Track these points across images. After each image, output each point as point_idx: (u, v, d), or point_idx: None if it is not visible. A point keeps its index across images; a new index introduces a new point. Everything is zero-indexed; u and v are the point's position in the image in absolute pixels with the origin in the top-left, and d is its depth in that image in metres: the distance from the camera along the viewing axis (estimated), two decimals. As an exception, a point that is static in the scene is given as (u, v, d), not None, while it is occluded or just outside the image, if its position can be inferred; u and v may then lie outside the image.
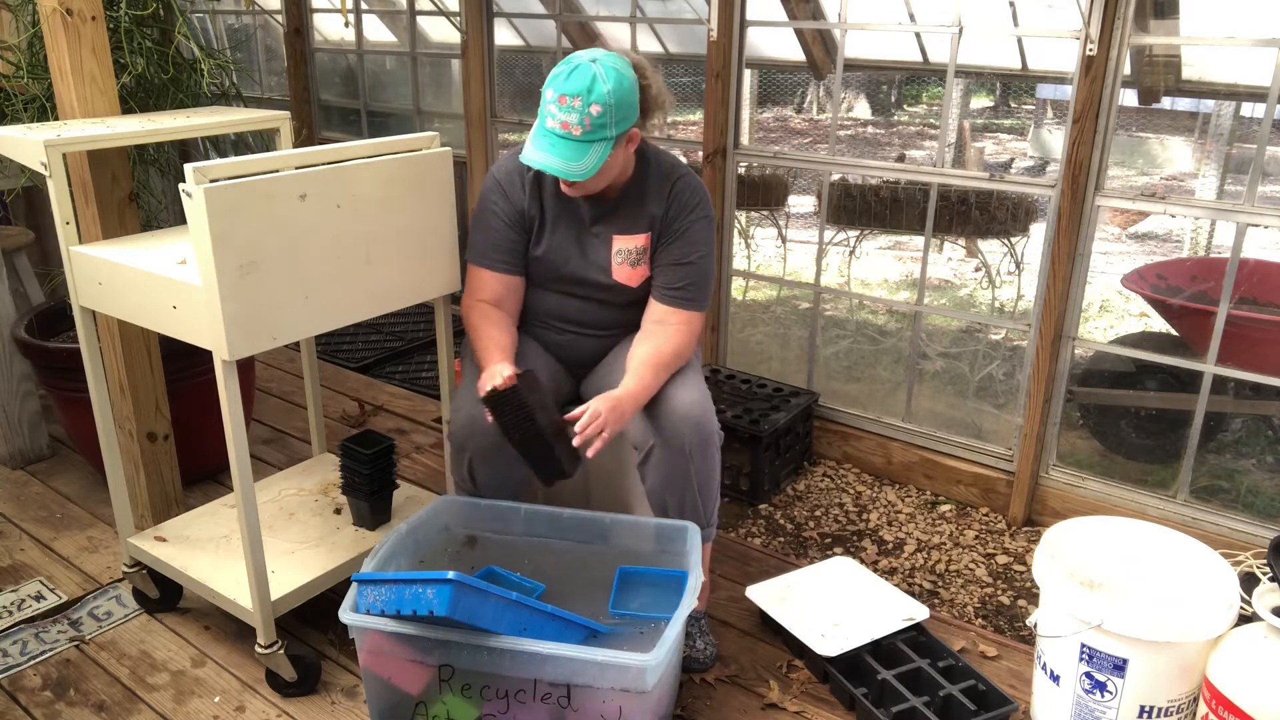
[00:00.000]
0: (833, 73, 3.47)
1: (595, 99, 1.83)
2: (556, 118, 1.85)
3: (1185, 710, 1.81)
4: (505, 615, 1.66)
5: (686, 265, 2.07)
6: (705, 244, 2.09)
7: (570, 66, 1.85)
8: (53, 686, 2.09)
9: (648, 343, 2.04)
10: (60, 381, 2.70)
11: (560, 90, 1.84)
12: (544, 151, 1.87)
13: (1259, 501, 2.97)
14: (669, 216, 2.06)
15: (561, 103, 1.84)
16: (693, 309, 2.08)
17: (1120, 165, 8.27)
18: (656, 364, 2.00)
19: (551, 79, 1.87)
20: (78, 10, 2.14)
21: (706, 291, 2.11)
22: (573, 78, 1.84)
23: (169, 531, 2.29)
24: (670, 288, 2.08)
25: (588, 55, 1.87)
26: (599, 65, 1.85)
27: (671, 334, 2.05)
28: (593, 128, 1.85)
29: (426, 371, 3.86)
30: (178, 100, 2.69)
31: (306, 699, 2.05)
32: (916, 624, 2.17)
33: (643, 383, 1.96)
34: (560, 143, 1.86)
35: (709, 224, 2.09)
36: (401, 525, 2.00)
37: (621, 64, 1.89)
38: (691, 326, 2.08)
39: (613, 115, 1.86)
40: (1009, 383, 3.86)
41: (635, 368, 1.98)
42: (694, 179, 2.09)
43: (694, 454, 1.98)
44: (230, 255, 1.72)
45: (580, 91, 1.83)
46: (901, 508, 2.91)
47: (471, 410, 2.00)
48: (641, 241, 2.08)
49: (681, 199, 2.06)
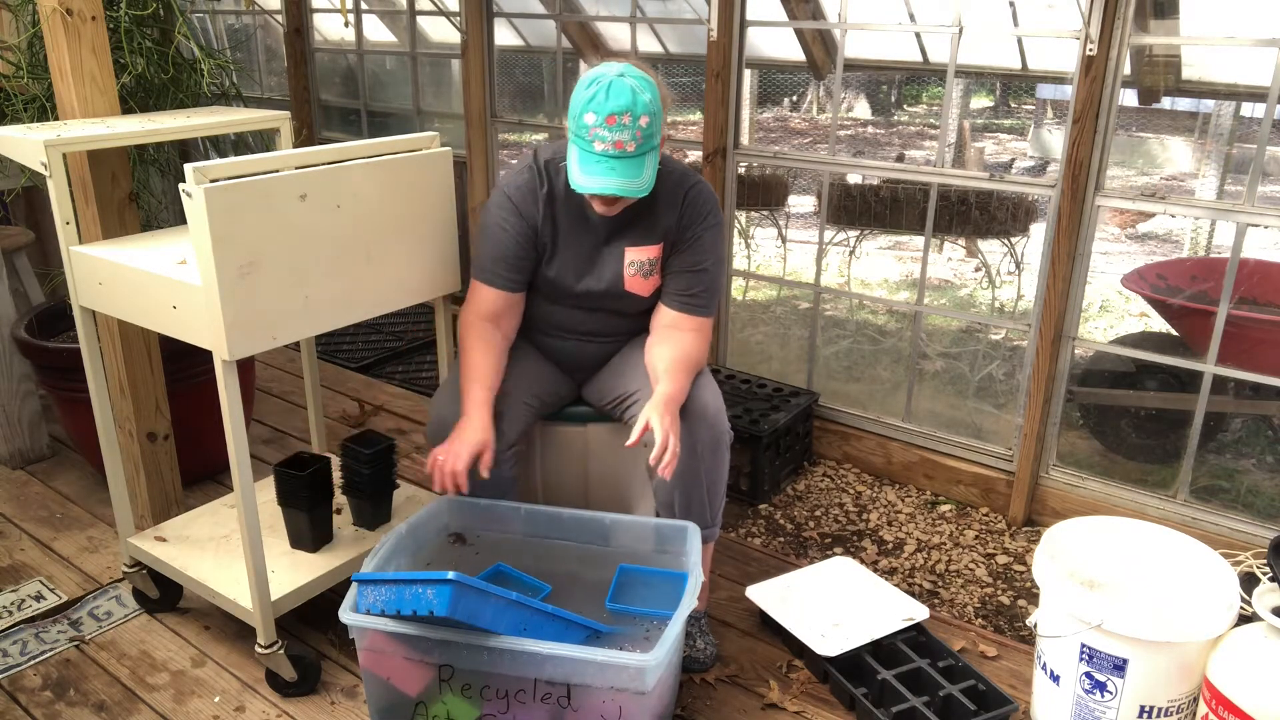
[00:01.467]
0: (833, 73, 3.47)
1: (642, 110, 1.81)
2: (607, 139, 1.81)
3: (1185, 710, 1.81)
4: (505, 615, 1.66)
5: (699, 272, 2.07)
6: (716, 251, 2.08)
7: (603, 85, 1.81)
8: (53, 686, 2.09)
9: (667, 346, 2.03)
10: (60, 381, 2.70)
11: (606, 111, 1.80)
12: (603, 176, 1.83)
13: (1259, 501, 2.97)
14: (682, 225, 2.05)
15: (610, 123, 1.80)
16: (704, 315, 2.08)
17: (1120, 165, 8.27)
18: (686, 367, 2.00)
19: (588, 103, 1.81)
20: (78, 10, 2.14)
21: (716, 298, 2.12)
22: (613, 96, 1.80)
23: (169, 531, 2.29)
24: (682, 294, 2.07)
25: (612, 70, 1.84)
26: (629, 78, 1.82)
27: (687, 339, 2.05)
28: (644, 139, 1.83)
29: (426, 371, 3.86)
30: (178, 100, 2.69)
31: (306, 699, 2.05)
32: (916, 624, 2.17)
33: (679, 384, 1.96)
34: (618, 163, 1.83)
35: (720, 231, 2.09)
36: (401, 525, 2.00)
37: (639, 70, 1.88)
38: (703, 332, 2.09)
39: (657, 123, 1.85)
40: (1009, 383, 3.86)
41: (668, 370, 1.98)
42: (706, 187, 2.08)
43: (706, 454, 1.99)
44: (230, 255, 1.72)
45: (628, 107, 1.79)
46: (901, 508, 2.91)
47: (443, 413, 2.02)
48: (654, 252, 2.07)
49: (695, 207, 2.05)
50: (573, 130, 1.86)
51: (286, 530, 2.22)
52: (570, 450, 2.26)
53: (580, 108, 1.83)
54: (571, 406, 2.25)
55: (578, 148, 1.86)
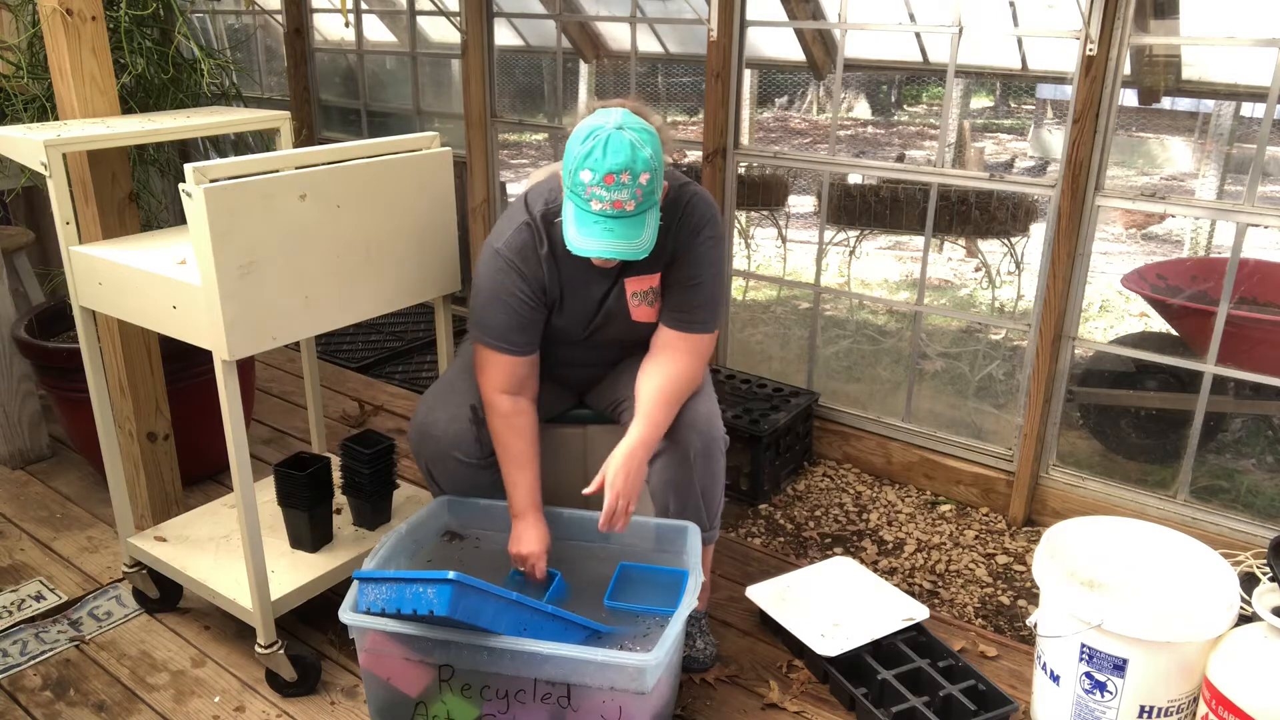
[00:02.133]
0: (833, 73, 3.47)
1: (643, 167, 1.70)
2: (605, 199, 1.70)
3: (1185, 710, 1.81)
4: (505, 615, 1.66)
5: (693, 286, 1.96)
6: (713, 264, 1.97)
7: (601, 141, 1.69)
8: (53, 686, 2.09)
9: (656, 376, 1.95)
10: (60, 381, 2.70)
11: (604, 169, 1.68)
12: (600, 239, 1.72)
13: (1259, 501, 2.97)
14: (677, 242, 1.95)
15: (609, 182, 1.68)
16: (699, 332, 1.98)
17: (1120, 165, 8.27)
18: (667, 400, 1.93)
19: (585, 159, 1.70)
20: (78, 10, 2.14)
21: (715, 313, 2.00)
22: (611, 152, 1.68)
23: (169, 531, 2.29)
24: (676, 310, 1.98)
25: (610, 122, 1.72)
26: (629, 131, 1.71)
27: (680, 361, 1.96)
28: (644, 197, 1.72)
29: (426, 371, 3.86)
30: (178, 100, 2.69)
31: (306, 699, 2.05)
32: (916, 624, 2.17)
33: (654, 423, 1.90)
34: (616, 224, 1.72)
35: (717, 243, 1.97)
36: (401, 525, 2.00)
37: (638, 120, 1.76)
38: (700, 351, 1.99)
39: (658, 178, 1.75)
40: (1009, 383, 3.86)
41: (645, 408, 1.91)
42: (702, 199, 1.97)
43: (699, 460, 1.98)
44: (230, 255, 1.72)
45: (627, 164, 1.68)
46: (901, 508, 2.91)
47: (425, 420, 2.02)
48: (655, 281, 1.99)
49: (688, 222, 1.94)
50: (568, 186, 1.75)
51: (286, 530, 2.22)
52: (570, 450, 2.26)
53: (576, 164, 1.72)
54: (572, 411, 2.25)
55: (574, 205, 1.75)
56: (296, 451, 2.28)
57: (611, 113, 1.75)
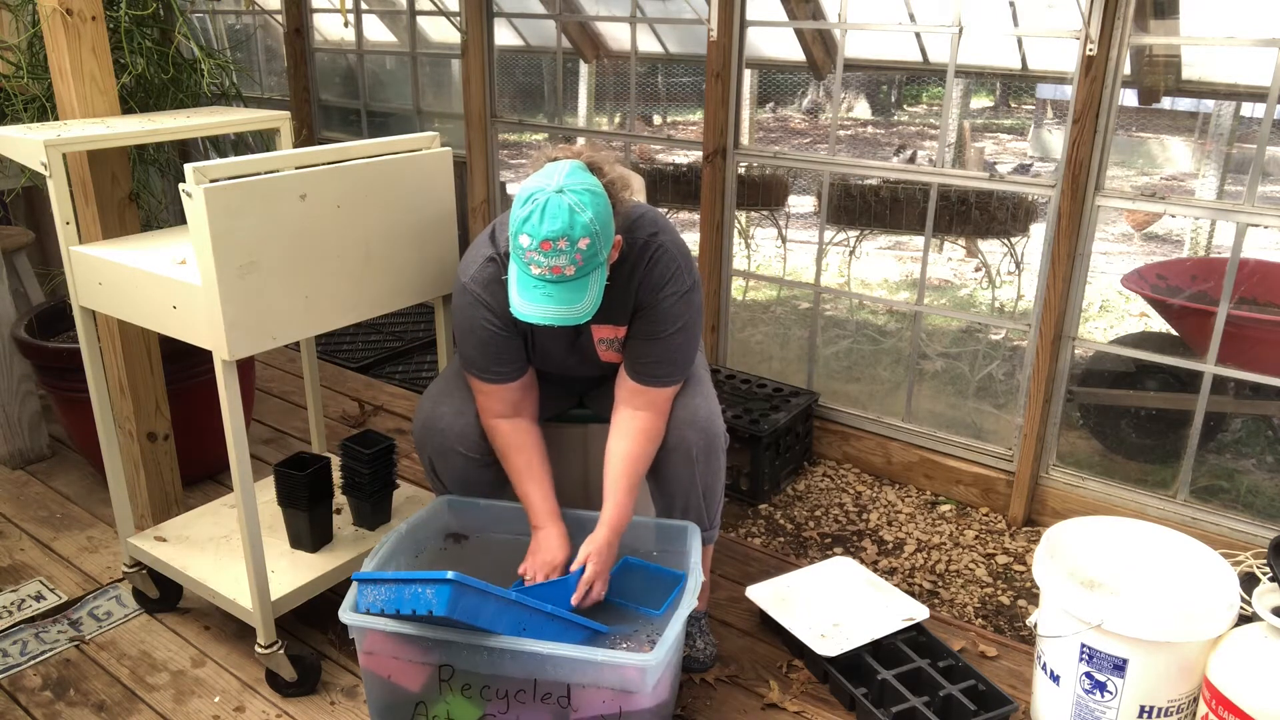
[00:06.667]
0: (833, 73, 3.47)
1: (581, 233, 1.64)
2: (543, 264, 1.65)
3: (1185, 710, 1.81)
4: (505, 615, 1.66)
5: (657, 340, 1.90)
6: (678, 319, 1.90)
7: (539, 205, 1.64)
8: (53, 686, 2.09)
9: (621, 439, 1.93)
10: (60, 381, 2.70)
11: (540, 236, 1.63)
12: (539, 304, 1.68)
13: (1259, 501, 2.97)
14: (640, 297, 1.90)
15: (545, 249, 1.63)
16: (660, 385, 1.93)
17: (1120, 165, 8.27)
18: (631, 476, 1.93)
19: (523, 224, 1.65)
20: (78, 10, 2.14)
21: (679, 367, 1.94)
22: (549, 218, 1.63)
23: (169, 531, 2.29)
24: (639, 360, 1.93)
25: (550, 185, 1.65)
26: (568, 195, 1.64)
27: (640, 419, 1.94)
28: (585, 260, 1.66)
29: (426, 371, 3.86)
30: (178, 100, 2.69)
31: (306, 699, 2.05)
32: (916, 624, 2.17)
33: (621, 509, 1.93)
34: (555, 289, 1.67)
35: (685, 298, 1.89)
36: (401, 525, 2.00)
37: (585, 179, 1.69)
38: (661, 407, 1.95)
39: (601, 240, 1.68)
40: (1009, 383, 3.86)
41: (611, 490, 1.93)
42: (667, 254, 1.88)
43: (699, 460, 1.98)
44: (230, 255, 1.72)
45: (564, 231, 1.62)
46: (901, 508, 2.91)
47: (429, 414, 2.02)
48: (622, 332, 1.95)
49: (651, 278, 1.87)
50: (511, 247, 1.71)
51: (286, 530, 2.22)
52: (570, 450, 2.26)
53: (516, 227, 1.67)
54: (572, 410, 2.25)
55: (516, 267, 1.71)
56: (296, 451, 2.28)
57: (556, 170, 1.69)
